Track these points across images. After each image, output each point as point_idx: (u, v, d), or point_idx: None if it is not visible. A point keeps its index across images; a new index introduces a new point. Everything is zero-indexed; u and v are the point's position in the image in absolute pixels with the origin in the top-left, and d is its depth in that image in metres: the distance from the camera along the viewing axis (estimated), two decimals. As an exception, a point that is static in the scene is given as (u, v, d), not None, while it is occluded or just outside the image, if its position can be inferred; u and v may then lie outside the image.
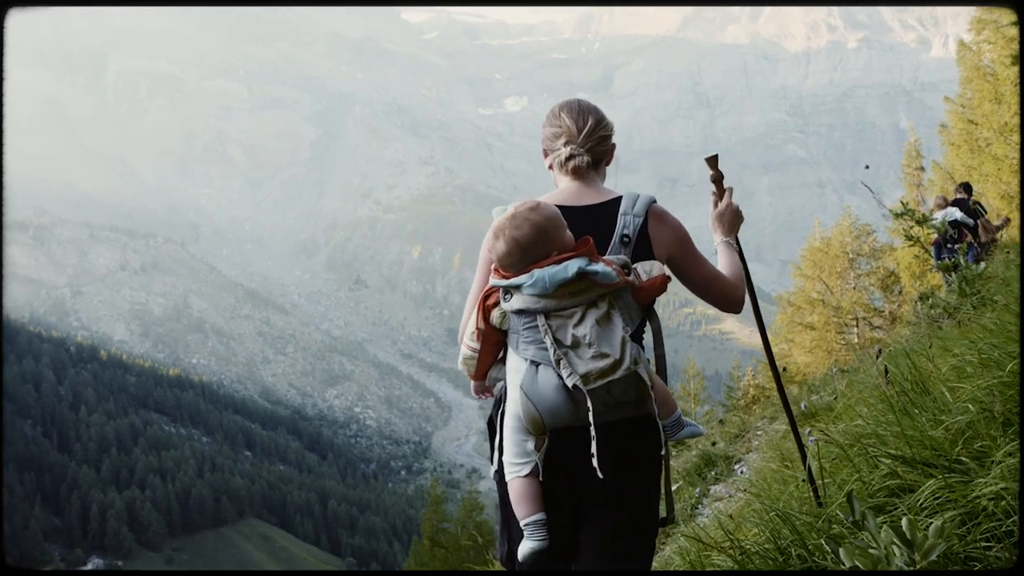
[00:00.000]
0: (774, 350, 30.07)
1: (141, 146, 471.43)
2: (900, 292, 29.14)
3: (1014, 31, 23.50)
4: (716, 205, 3.89)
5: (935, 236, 13.63)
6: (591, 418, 2.86)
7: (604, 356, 2.84)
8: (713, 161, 3.87)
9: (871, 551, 2.57)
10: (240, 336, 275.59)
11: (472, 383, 3.42)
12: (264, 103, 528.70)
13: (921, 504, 3.28)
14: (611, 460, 2.97)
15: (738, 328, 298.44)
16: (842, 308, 31.33)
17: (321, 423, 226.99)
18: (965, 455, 3.47)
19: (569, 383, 2.84)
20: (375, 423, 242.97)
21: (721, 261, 3.63)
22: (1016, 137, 23.14)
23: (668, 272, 3.20)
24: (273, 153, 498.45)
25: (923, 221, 6.34)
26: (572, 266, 2.87)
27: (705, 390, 35.68)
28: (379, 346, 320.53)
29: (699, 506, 7.92)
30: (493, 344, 3.21)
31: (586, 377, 2.83)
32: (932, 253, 13.72)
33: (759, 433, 10.84)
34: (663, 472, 3.23)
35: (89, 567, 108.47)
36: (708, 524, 5.98)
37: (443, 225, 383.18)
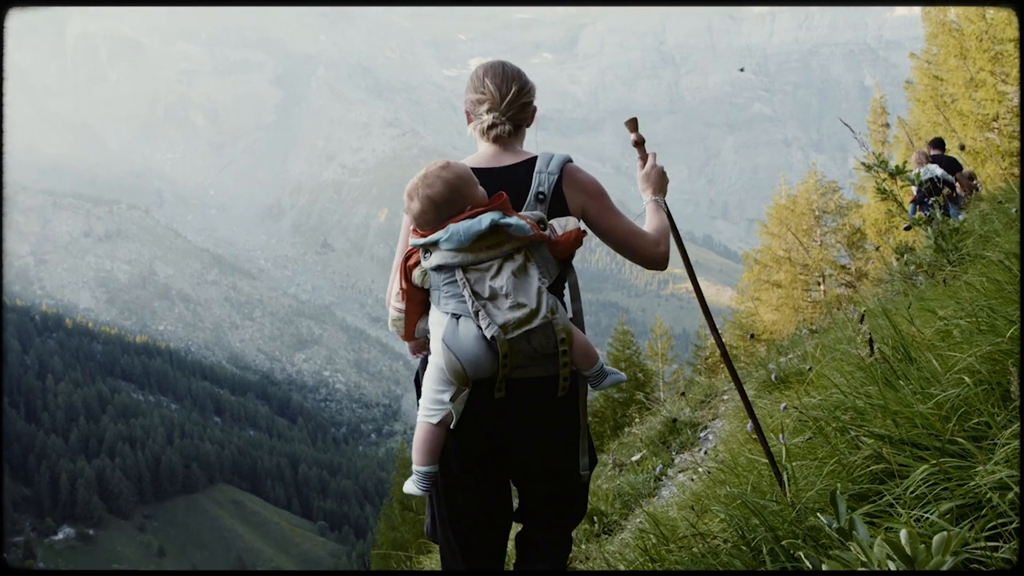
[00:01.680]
0: (741, 308, 30.08)
1: (103, 111, 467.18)
2: (878, 249, 29.08)
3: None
4: (642, 167, 3.84)
5: (914, 193, 13.46)
6: (501, 363, 2.96)
7: (521, 306, 2.92)
8: (632, 124, 3.86)
9: (861, 568, 2.31)
10: (207, 302, 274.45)
11: (408, 345, 3.47)
12: (226, 66, 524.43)
13: (911, 493, 2.89)
14: (533, 414, 3.15)
15: (705, 286, 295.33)
16: (809, 266, 31.30)
17: (290, 388, 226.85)
18: (961, 435, 3.03)
19: (488, 334, 2.92)
20: (344, 387, 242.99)
21: (648, 219, 3.58)
22: (980, 93, 23.06)
23: (584, 227, 3.28)
24: (236, 117, 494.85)
25: (897, 173, 6.00)
26: (485, 219, 2.96)
27: (672, 349, 35.55)
28: (347, 310, 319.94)
29: (663, 479, 7.68)
30: (418, 303, 3.26)
31: (504, 327, 2.91)
32: (909, 210, 13.47)
33: (726, 398, 10.51)
34: (579, 428, 3.31)
35: (60, 536, 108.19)
36: (670, 503, 5.70)
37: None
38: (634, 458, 9.25)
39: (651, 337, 35.60)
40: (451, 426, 3.15)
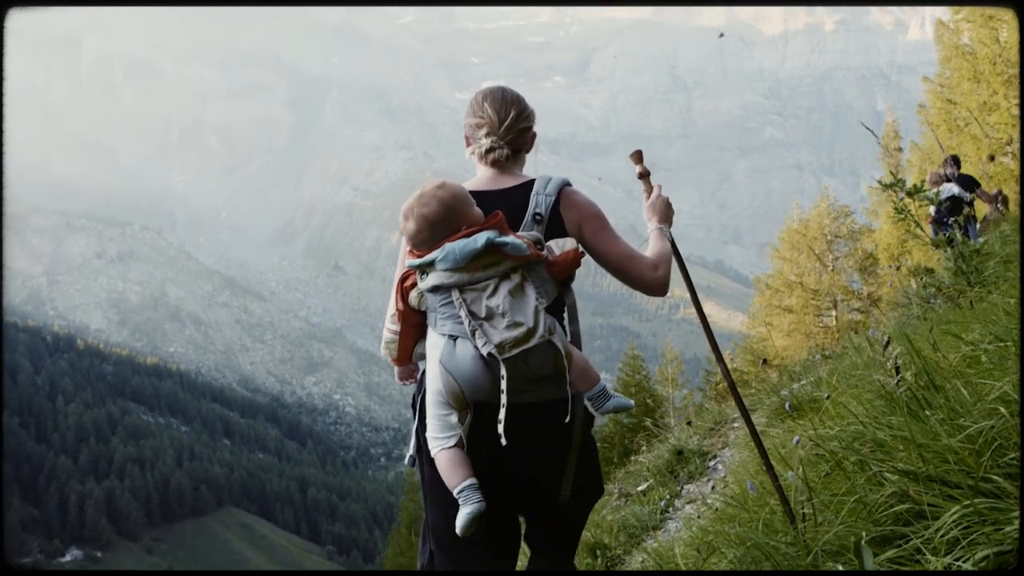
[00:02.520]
0: (752, 333, 29.76)
1: (117, 132, 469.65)
2: (898, 268, 28.84)
3: (992, 9, 23.24)
4: (647, 198, 3.79)
5: (932, 214, 13.20)
6: (503, 386, 2.88)
7: (518, 325, 2.87)
8: (637, 156, 3.81)
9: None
10: (218, 324, 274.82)
11: (396, 369, 3.46)
12: (240, 88, 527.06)
13: (942, 536, 2.58)
14: (533, 439, 3.06)
15: (716, 311, 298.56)
16: (820, 291, 31.09)
17: (300, 411, 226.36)
18: (996, 472, 2.73)
19: (484, 352, 2.87)
20: (354, 410, 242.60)
21: (650, 245, 3.54)
22: (994, 117, 22.86)
23: (582, 248, 3.24)
24: (250, 139, 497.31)
25: (915, 192, 5.73)
26: (481, 238, 2.92)
27: (683, 374, 35.27)
28: (358, 333, 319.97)
29: (670, 510, 7.38)
30: (413, 326, 3.23)
31: (501, 346, 2.85)
32: (931, 231, 13.21)
33: (736, 426, 10.11)
34: (590, 448, 3.33)
35: (67, 558, 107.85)
36: (676, 539, 5.37)
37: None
38: (640, 488, 8.96)
39: (661, 362, 35.34)
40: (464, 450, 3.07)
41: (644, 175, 3.77)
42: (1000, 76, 22.68)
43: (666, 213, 3.67)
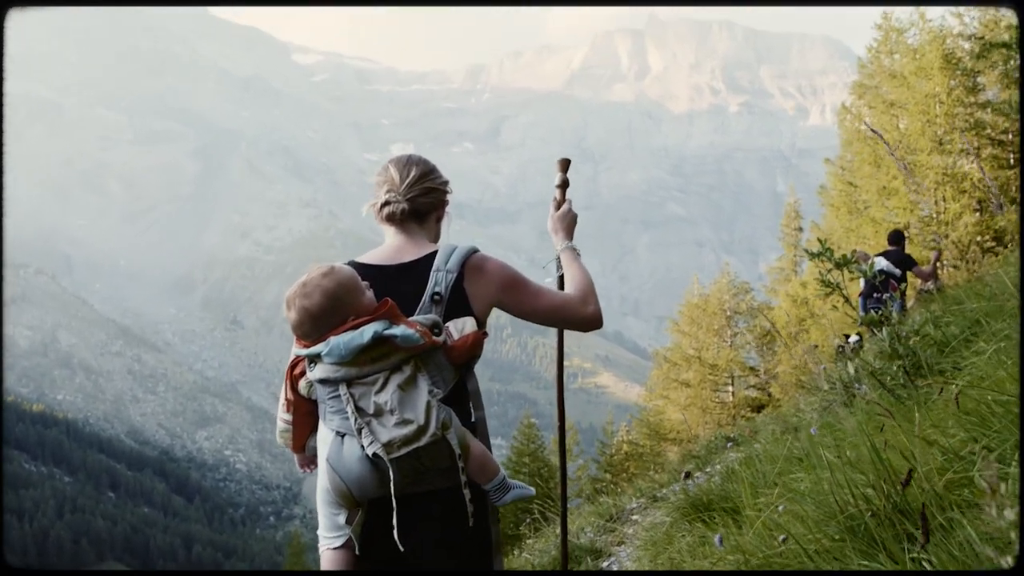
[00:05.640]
0: (649, 406, 29.84)
1: (16, 171, 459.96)
2: (817, 350, 28.95)
3: (893, 95, 23.96)
4: (557, 208, 3.83)
5: (862, 287, 13.03)
6: (392, 489, 2.73)
7: (407, 423, 2.70)
8: (564, 164, 3.96)
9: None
10: (109, 373, 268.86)
11: (296, 458, 3.30)
12: (146, 136, 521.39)
13: None
14: (424, 533, 2.91)
15: (613, 382, 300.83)
16: (718, 366, 31.33)
17: (190, 465, 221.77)
18: None
19: (369, 452, 2.71)
20: (245, 467, 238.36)
21: (567, 272, 3.51)
22: (893, 201, 23.41)
23: (485, 330, 3.07)
24: (153, 186, 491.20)
25: (844, 264, 5.52)
26: (368, 331, 2.75)
27: (579, 444, 35.32)
28: (253, 388, 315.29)
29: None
30: (305, 414, 3.08)
31: (389, 445, 2.69)
32: (860, 305, 13.08)
33: (634, 518, 9.37)
34: (491, 543, 3.08)
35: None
36: None
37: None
38: None
39: (556, 431, 35.31)
40: (356, 551, 2.93)
41: (564, 184, 3.88)
42: (899, 162, 23.33)
43: (571, 226, 3.72)
